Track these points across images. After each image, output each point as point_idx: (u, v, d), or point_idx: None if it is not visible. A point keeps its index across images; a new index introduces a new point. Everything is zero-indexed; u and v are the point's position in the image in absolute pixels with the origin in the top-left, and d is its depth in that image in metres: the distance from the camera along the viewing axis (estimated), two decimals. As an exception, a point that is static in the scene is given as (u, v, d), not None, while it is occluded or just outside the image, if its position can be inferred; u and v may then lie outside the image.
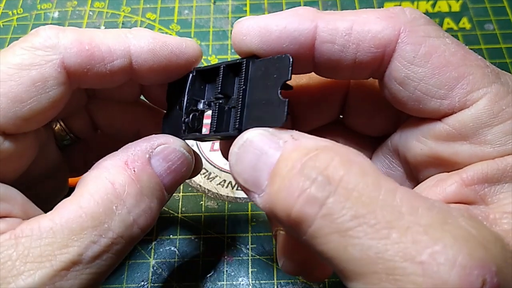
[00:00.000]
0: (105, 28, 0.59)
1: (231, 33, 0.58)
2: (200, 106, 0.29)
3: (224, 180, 0.46)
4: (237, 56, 0.28)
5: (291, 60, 0.23)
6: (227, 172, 0.47)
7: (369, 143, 0.31)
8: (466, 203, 0.23)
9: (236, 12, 0.60)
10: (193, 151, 0.29)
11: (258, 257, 0.42)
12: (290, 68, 0.23)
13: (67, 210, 0.24)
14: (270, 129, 0.23)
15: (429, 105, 0.24)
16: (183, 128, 0.28)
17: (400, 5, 0.60)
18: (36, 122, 0.26)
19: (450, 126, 0.24)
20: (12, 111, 0.24)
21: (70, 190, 0.45)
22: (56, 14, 0.60)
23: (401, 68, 0.24)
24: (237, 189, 0.46)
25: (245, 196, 0.45)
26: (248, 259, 0.42)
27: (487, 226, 0.20)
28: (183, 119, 0.28)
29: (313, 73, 0.27)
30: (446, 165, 0.24)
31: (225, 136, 0.26)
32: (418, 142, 0.25)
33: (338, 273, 0.20)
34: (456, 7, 0.59)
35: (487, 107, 0.22)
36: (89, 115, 0.34)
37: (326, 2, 0.60)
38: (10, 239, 0.23)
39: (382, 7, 0.59)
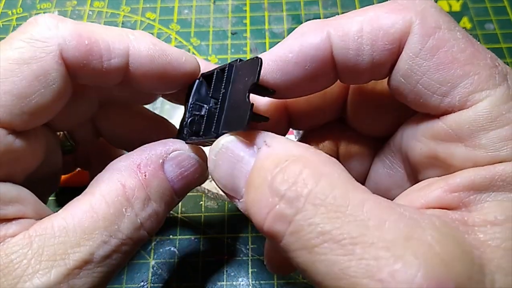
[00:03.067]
0: (104, 27, 0.59)
1: (230, 33, 0.58)
2: (203, 112, 0.29)
3: (224, 180, 0.46)
4: (238, 56, 0.28)
5: (260, 62, 0.23)
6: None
7: (371, 142, 0.31)
8: (447, 209, 0.22)
9: (236, 12, 0.60)
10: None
11: (258, 257, 0.42)
12: (258, 70, 0.23)
13: (80, 210, 0.24)
14: (245, 133, 0.23)
15: (430, 100, 0.23)
16: (185, 132, 0.28)
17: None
18: (42, 116, 0.26)
19: (447, 126, 0.23)
20: (18, 107, 0.24)
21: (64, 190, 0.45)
22: (55, 14, 0.60)
23: (406, 60, 0.23)
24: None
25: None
26: (248, 259, 0.42)
27: (459, 236, 0.20)
28: (184, 123, 0.29)
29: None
30: (443, 167, 0.24)
31: (210, 140, 0.26)
32: (418, 141, 0.25)
33: (312, 284, 0.20)
34: (456, 7, 0.59)
35: (486, 110, 0.22)
36: (93, 123, 0.34)
37: (326, 2, 0.60)
38: (25, 239, 0.23)
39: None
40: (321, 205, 0.19)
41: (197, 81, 0.29)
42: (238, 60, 0.26)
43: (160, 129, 0.35)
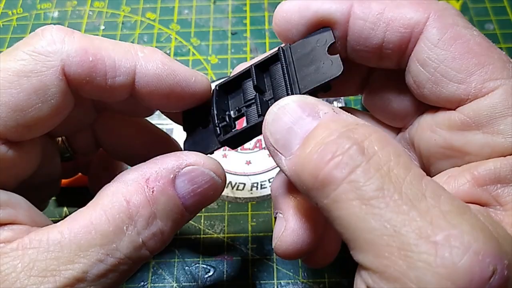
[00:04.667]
0: (104, 28, 0.59)
1: (230, 33, 0.58)
2: (231, 113, 0.28)
3: (224, 180, 0.46)
4: (238, 56, 0.28)
5: (330, 29, 0.25)
6: (227, 172, 0.47)
7: (388, 133, 0.31)
8: (480, 204, 0.23)
9: (236, 12, 0.60)
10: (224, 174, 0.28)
11: (258, 257, 0.42)
12: (333, 34, 0.25)
13: (78, 224, 0.23)
14: (314, 99, 0.23)
15: (446, 88, 0.24)
16: (219, 132, 0.27)
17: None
18: (38, 129, 0.26)
19: (465, 115, 0.24)
20: (13, 119, 0.24)
21: (62, 191, 0.45)
22: (56, 14, 0.60)
23: (425, 49, 0.24)
24: (237, 189, 0.46)
25: (245, 196, 0.45)
26: (248, 259, 0.42)
27: (503, 227, 0.20)
28: (217, 126, 0.27)
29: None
30: (458, 156, 0.25)
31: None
32: (433, 132, 0.26)
33: (349, 242, 0.20)
34: (456, 7, 0.59)
35: (503, 97, 0.23)
36: (94, 134, 0.34)
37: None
38: (17, 250, 0.22)
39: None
40: (384, 165, 0.20)
41: (214, 91, 0.28)
42: (283, 45, 0.27)
43: (161, 144, 0.34)
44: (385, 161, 0.20)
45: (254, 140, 0.28)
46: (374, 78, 0.30)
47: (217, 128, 0.27)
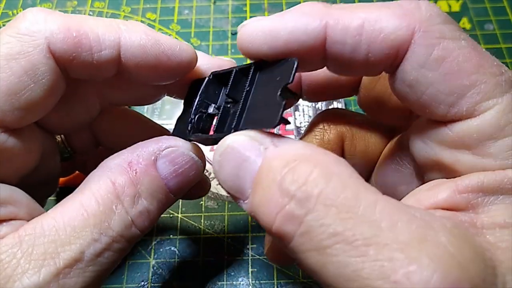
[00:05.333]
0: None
1: (230, 33, 0.58)
2: (210, 110, 0.28)
3: (224, 180, 0.46)
4: (238, 56, 0.28)
5: (295, 64, 0.22)
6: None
7: (381, 134, 0.31)
8: (456, 210, 0.22)
9: (236, 12, 0.60)
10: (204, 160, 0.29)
11: (258, 257, 0.42)
12: (293, 72, 0.22)
13: (69, 209, 0.24)
14: (252, 133, 0.22)
15: (436, 110, 0.23)
16: (189, 128, 0.28)
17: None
18: (35, 112, 0.26)
19: (454, 134, 0.23)
20: (8, 104, 0.24)
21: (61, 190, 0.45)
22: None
23: (411, 71, 0.23)
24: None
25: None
26: (248, 259, 0.42)
27: (470, 237, 0.20)
28: (190, 119, 0.28)
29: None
30: (447, 172, 0.24)
31: (221, 137, 0.26)
32: (424, 144, 0.25)
33: (321, 285, 0.20)
34: (456, 7, 0.59)
35: (494, 119, 0.22)
36: (93, 132, 0.34)
37: (326, 2, 0.60)
38: (14, 238, 0.23)
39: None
40: (332, 206, 0.19)
41: (207, 78, 0.28)
42: (262, 61, 0.25)
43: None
44: (332, 200, 0.19)
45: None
46: (366, 80, 0.30)
47: (191, 121, 0.28)
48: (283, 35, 0.23)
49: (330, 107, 0.50)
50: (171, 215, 0.45)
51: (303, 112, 0.50)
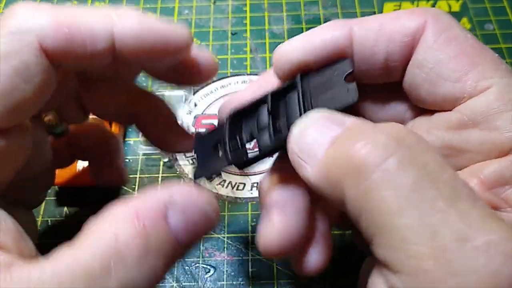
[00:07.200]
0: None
1: (230, 33, 0.58)
2: (244, 138, 0.29)
3: (224, 180, 0.46)
4: (238, 56, 0.28)
5: (350, 59, 0.26)
6: (227, 172, 0.47)
7: None
8: (491, 207, 0.22)
9: (236, 12, 0.60)
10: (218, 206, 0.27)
11: (258, 257, 0.42)
12: (351, 63, 0.26)
13: (62, 262, 0.21)
14: (339, 113, 0.24)
15: (443, 87, 0.25)
16: (231, 159, 0.28)
17: (400, 5, 0.60)
18: (26, 111, 0.25)
19: (462, 113, 0.25)
20: (0, 106, 0.23)
21: (62, 190, 0.45)
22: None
23: (421, 51, 0.25)
24: (237, 189, 0.46)
25: (245, 196, 0.45)
26: (248, 259, 0.42)
27: None
28: (227, 148, 0.28)
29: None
30: (457, 155, 0.25)
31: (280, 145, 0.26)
32: (429, 134, 0.26)
33: (375, 237, 0.20)
34: (456, 7, 0.59)
35: (497, 94, 0.23)
36: (80, 102, 0.33)
37: (326, 2, 0.60)
38: None
39: (382, 6, 0.59)
40: (421, 159, 0.19)
41: (228, 116, 0.29)
42: (299, 75, 0.27)
43: (147, 101, 0.34)
44: (421, 155, 0.19)
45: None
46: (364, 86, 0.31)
47: (229, 153, 0.28)
48: (317, 40, 0.26)
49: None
50: (171, 215, 0.45)
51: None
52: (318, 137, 0.23)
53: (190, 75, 0.30)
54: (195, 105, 0.50)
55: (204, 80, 0.30)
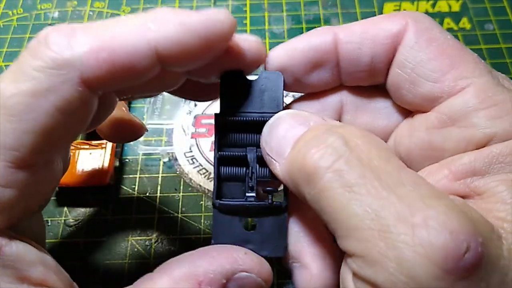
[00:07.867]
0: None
1: (231, 33, 0.58)
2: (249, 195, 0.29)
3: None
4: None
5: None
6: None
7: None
8: (459, 197, 0.24)
9: (236, 12, 0.60)
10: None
11: (258, 257, 0.42)
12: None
13: None
14: (306, 112, 0.27)
15: (423, 87, 0.26)
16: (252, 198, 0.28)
17: (400, 5, 0.60)
18: (66, 143, 0.25)
19: (440, 113, 0.26)
20: (39, 143, 0.22)
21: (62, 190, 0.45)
22: (56, 14, 0.60)
23: (403, 51, 0.26)
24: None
25: (245, 196, 0.45)
26: None
27: (478, 212, 0.22)
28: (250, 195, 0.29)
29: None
30: (437, 155, 0.26)
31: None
32: (411, 136, 0.27)
33: (336, 231, 0.22)
34: (456, 7, 0.59)
35: (474, 93, 0.24)
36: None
37: (326, 2, 0.60)
38: None
39: (382, 6, 0.59)
40: (366, 157, 0.21)
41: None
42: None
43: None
44: (367, 154, 0.22)
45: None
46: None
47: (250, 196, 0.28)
48: (300, 46, 0.28)
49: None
50: (171, 215, 0.45)
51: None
52: (285, 135, 0.25)
53: (237, 65, 0.28)
54: (195, 105, 0.50)
55: (254, 65, 0.28)
